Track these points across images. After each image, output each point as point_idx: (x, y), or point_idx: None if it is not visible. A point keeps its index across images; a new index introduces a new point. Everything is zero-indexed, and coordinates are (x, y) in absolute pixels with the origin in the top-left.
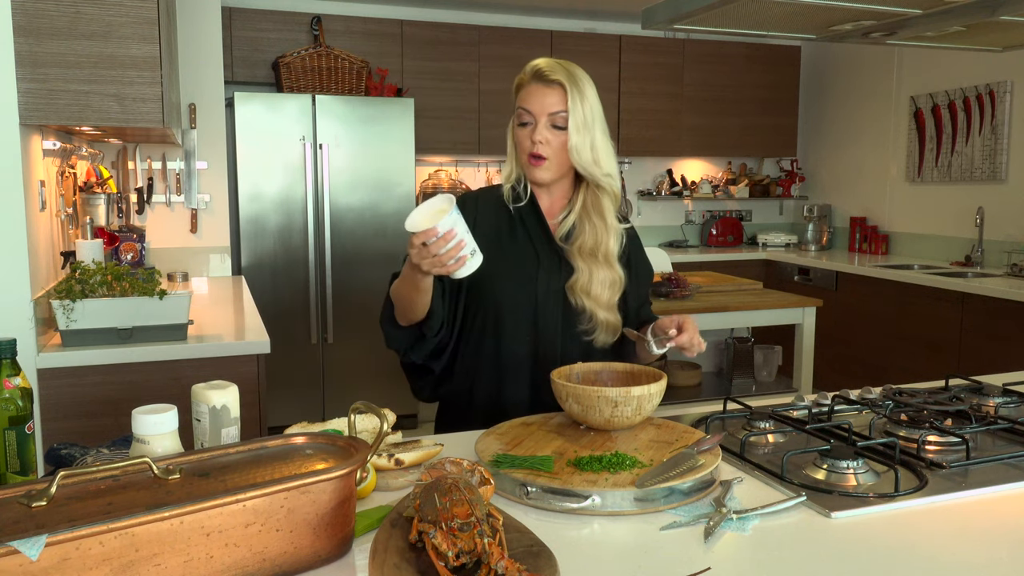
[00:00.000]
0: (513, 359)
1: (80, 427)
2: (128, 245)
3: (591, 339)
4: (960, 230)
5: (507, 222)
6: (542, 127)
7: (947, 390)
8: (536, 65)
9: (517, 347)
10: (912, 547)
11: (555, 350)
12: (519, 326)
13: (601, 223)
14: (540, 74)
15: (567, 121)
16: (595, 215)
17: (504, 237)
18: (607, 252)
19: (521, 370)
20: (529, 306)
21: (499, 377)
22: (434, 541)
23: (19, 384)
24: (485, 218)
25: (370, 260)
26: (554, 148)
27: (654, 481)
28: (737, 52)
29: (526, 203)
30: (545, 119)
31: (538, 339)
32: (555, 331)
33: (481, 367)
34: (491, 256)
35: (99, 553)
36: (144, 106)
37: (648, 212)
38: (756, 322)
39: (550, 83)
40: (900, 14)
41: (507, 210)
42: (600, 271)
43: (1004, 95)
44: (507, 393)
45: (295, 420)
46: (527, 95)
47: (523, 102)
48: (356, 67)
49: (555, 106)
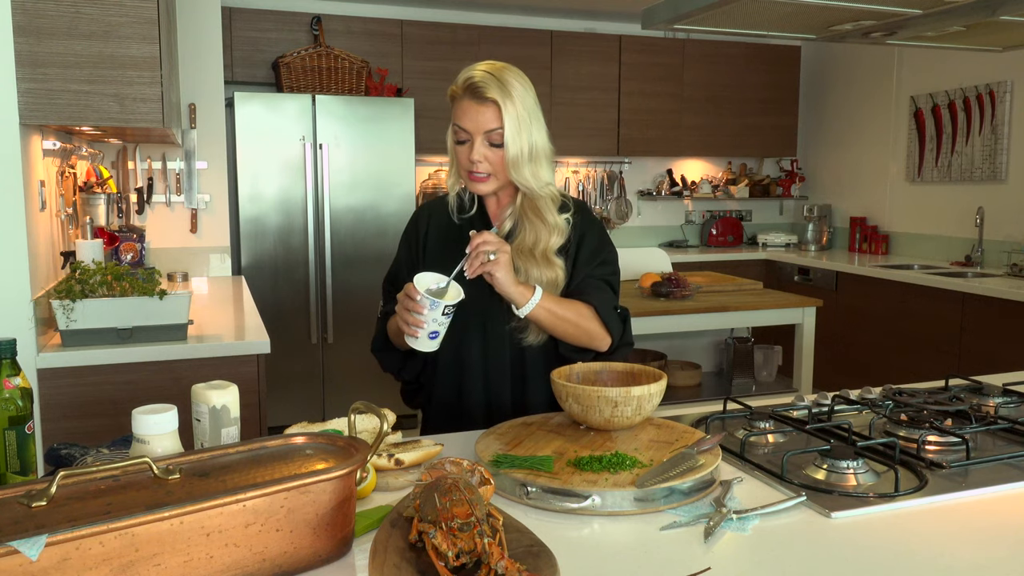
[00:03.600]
0: (468, 361)
1: (80, 427)
2: (128, 245)
3: (522, 337)
4: (960, 230)
5: (455, 230)
6: (479, 145)
7: (947, 390)
8: (470, 78)
9: (471, 349)
10: (912, 547)
11: (504, 350)
12: (472, 329)
13: (540, 222)
14: (473, 90)
15: (503, 138)
16: (533, 215)
17: (452, 249)
18: (545, 250)
19: (475, 371)
20: (479, 308)
21: (458, 380)
22: (434, 541)
23: (19, 384)
24: (436, 230)
25: (370, 260)
26: (493, 164)
27: (654, 481)
28: (737, 52)
29: (475, 212)
30: (481, 137)
31: (487, 340)
32: (503, 331)
33: (441, 371)
34: (442, 266)
35: (99, 553)
36: (144, 106)
37: (648, 212)
38: (756, 322)
39: (483, 100)
40: (900, 14)
41: (455, 219)
42: (535, 270)
43: (1004, 95)
44: (464, 394)
45: (295, 420)
46: (461, 112)
47: (458, 119)
48: (356, 67)
49: (490, 123)
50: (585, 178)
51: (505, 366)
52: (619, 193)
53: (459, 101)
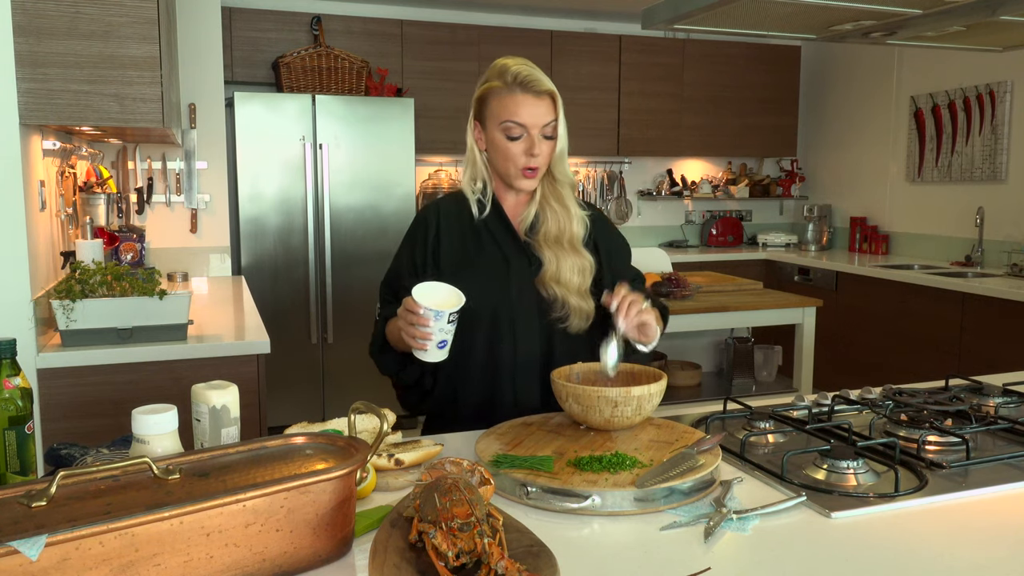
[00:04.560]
0: (497, 363)
1: (80, 427)
2: (128, 245)
3: (565, 326)
4: (960, 230)
5: (472, 233)
6: (538, 140)
7: (947, 390)
8: (517, 73)
9: (500, 351)
10: (912, 547)
11: (534, 346)
12: (499, 331)
13: (563, 210)
14: (527, 86)
15: (555, 131)
16: (555, 203)
17: (471, 249)
18: (572, 238)
19: (504, 372)
20: (505, 308)
21: (486, 382)
22: (434, 541)
23: (19, 384)
24: (448, 236)
25: (370, 260)
26: (546, 157)
27: (654, 481)
28: (737, 52)
29: (490, 212)
30: (539, 132)
31: (516, 339)
32: (532, 327)
33: (463, 375)
34: (460, 270)
35: (99, 553)
36: (144, 106)
37: (648, 212)
38: (756, 322)
39: (540, 94)
40: (900, 14)
41: (471, 219)
42: (568, 258)
43: (1004, 95)
44: (495, 396)
45: (295, 420)
46: (515, 106)
47: (511, 115)
48: (356, 67)
49: (547, 116)
50: (585, 178)
51: (535, 367)
52: (619, 193)
53: (509, 96)
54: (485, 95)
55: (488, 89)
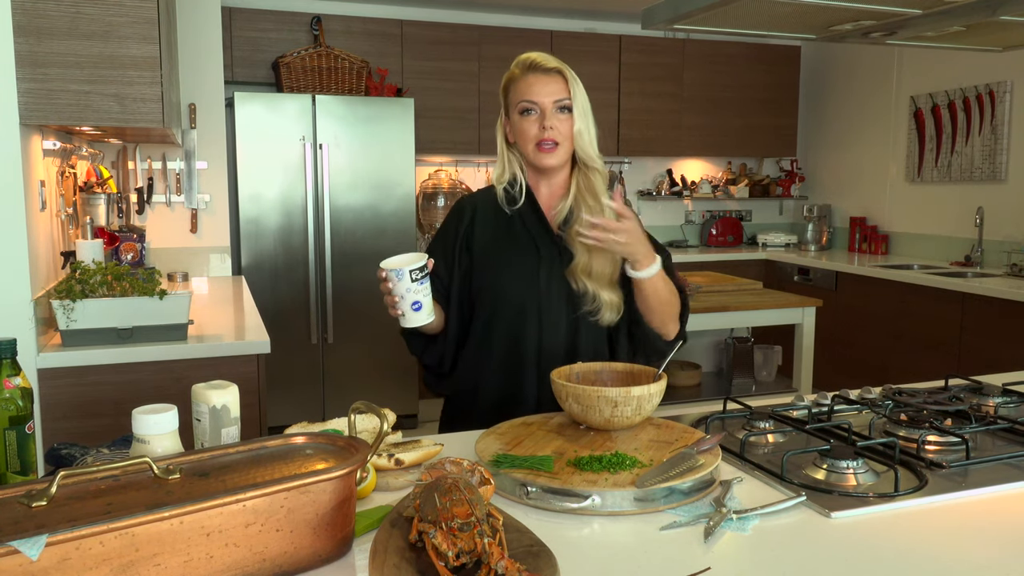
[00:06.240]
0: (521, 354)
1: (80, 427)
2: (128, 245)
3: (596, 319)
4: (960, 230)
5: (505, 224)
6: (551, 114)
7: (947, 390)
8: (528, 58)
9: (525, 342)
10: (912, 547)
11: (561, 339)
12: (526, 322)
13: (596, 203)
14: (536, 66)
15: (570, 105)
16: (589, 196)
17: (503, 240)
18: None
19: (528, 364)
20: (533, 301)
21: (509, 373)
22: (434, 541)
23: (19, 384)
24: (483, 226)
25: (370, 260)
26: (563, 133)
27: (654, 481)
28: (737, 52)
29: (524, 203)
30: (551, 106)
31: (542, 330)
32: (561, 320)
33: (488, 365)
34: (492, 261)
35: (99, 553)
36: (144, 106)
37: (648, 212)
38: (756, 322)
39: (549, 71)
40: (900, 14)
41: (504, 211)
42: (601, 251)
43: (1004, 95)
44: (516, 388)
45: (295, 420)
46: (526, 87)
47: (524, 95)
48: (356, 67)
49: (558, 93)
50: None
51: (559, 361)
52: None
53: (520, 80)
54: (506, 86)
55: (507, 80)
